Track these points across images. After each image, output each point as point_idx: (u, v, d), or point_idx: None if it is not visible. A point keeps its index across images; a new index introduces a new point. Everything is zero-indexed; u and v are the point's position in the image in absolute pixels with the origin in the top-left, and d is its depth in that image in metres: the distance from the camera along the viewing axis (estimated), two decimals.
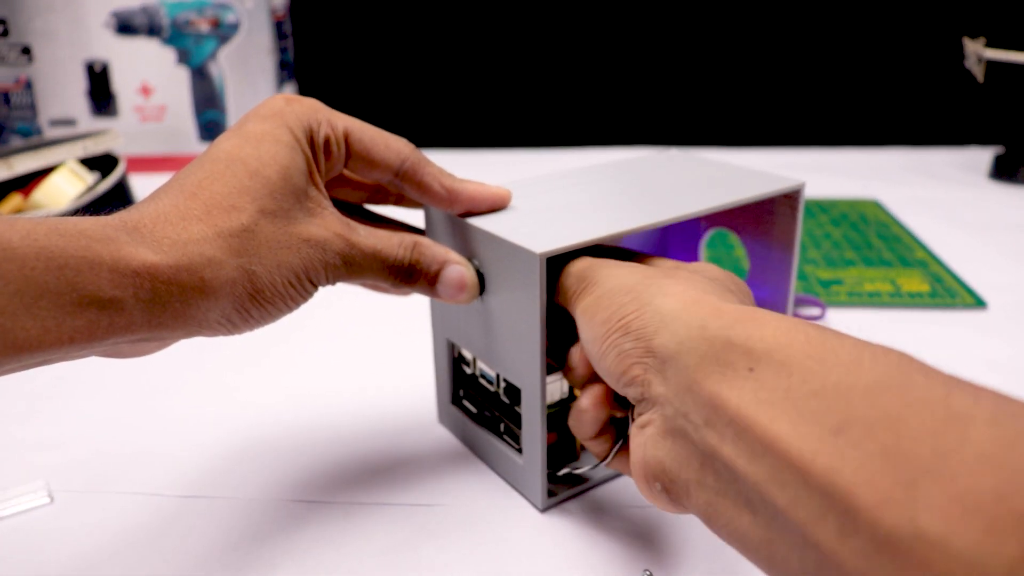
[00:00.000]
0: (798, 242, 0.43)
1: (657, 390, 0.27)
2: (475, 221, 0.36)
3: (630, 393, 0.28)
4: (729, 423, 0.23)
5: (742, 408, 0.23)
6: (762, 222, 0.44)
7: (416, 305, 0.55)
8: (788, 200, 0.42)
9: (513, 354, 0.36)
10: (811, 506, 0.20)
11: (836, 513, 0.19)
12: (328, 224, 0.32)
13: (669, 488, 0.26)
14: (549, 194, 0.40)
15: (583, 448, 0.40)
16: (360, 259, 0.33)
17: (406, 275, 0.35)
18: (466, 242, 0.37)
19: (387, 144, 0.35)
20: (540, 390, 0.35)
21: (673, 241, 0.52)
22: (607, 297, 0.30)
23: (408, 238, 0.35)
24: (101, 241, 0.26)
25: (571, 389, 0.38)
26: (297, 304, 0.32)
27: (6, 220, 0.25)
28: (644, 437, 0.27)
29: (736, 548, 0.24)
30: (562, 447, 0.39)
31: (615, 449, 0.33)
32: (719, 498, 0.24)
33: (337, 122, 0.34)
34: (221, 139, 0.32)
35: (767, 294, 0.45)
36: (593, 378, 0.33)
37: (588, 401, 0.32)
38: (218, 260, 0.29)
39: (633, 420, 0.29)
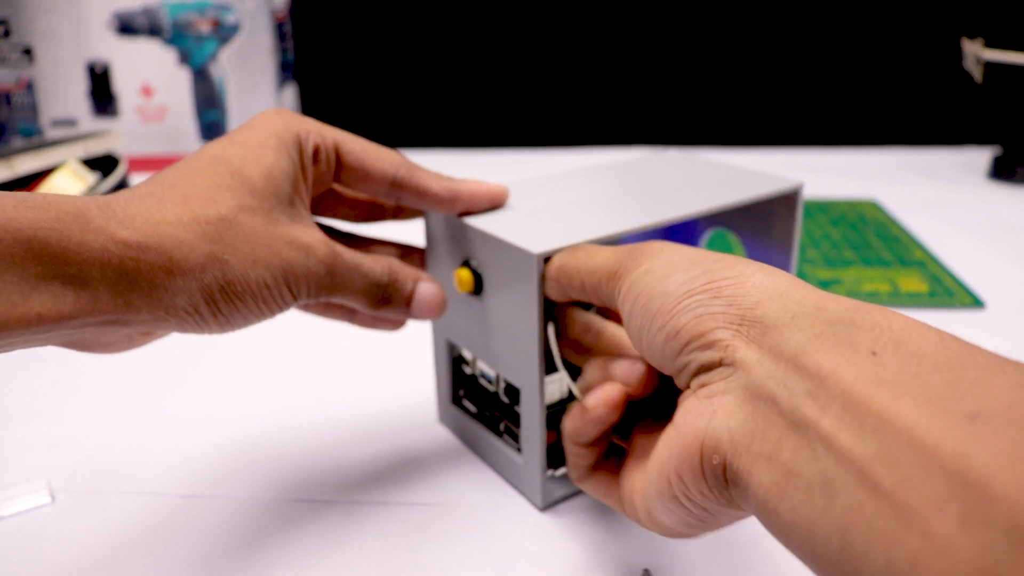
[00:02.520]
0: (797, 242, 0.43)
1: (743, 354, 0.24)
2: (473, 221, 0.36)
3: (699, 359, 0.25)
4: (836, 396, 0.20)
5: (858, 383, 0.20)
6: (761, 222, 0.44)
7: None
8: (787, 200, 0.42)
9: (512, 354, 0.36)
10: (929, 490, 0.17)
11: (961, 500, 0.17)
12: (312, 231, 0.32)
13: (729, 463, 0.23)
14: (548, 194, 0.40)
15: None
16: (344, 271, 0.33)
17: (384, 297, 0.35)
18: (465, 243, 0.37)
19: (380, 154, 0.35)
20: (539, 390, 0.35)
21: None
22: (688, 261, 0.27)
23: (383, 258, 0.35)
24: (71, 214, 0.26)
25: (570, 390, 0.38)
26: (271, 311, 0.32)
27: None
28: (714, 406, 0.24)
29: (789, 541, 0.21)
30: (562, 447, 0.39)
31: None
32: (789, 478, 0.21)
33: (327, 134, 0.34)
34: (207, 144, 0.32)
35: None
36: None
37: (599, 399, 0.30)
38: (189, 243, 0.28)
39: (686, 391, 0.26)
